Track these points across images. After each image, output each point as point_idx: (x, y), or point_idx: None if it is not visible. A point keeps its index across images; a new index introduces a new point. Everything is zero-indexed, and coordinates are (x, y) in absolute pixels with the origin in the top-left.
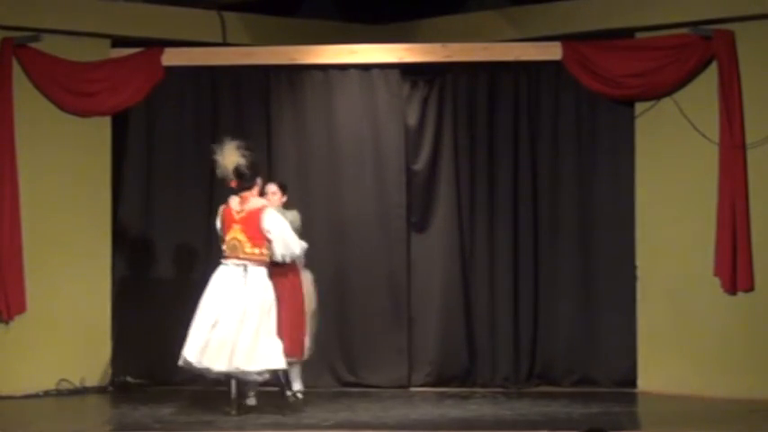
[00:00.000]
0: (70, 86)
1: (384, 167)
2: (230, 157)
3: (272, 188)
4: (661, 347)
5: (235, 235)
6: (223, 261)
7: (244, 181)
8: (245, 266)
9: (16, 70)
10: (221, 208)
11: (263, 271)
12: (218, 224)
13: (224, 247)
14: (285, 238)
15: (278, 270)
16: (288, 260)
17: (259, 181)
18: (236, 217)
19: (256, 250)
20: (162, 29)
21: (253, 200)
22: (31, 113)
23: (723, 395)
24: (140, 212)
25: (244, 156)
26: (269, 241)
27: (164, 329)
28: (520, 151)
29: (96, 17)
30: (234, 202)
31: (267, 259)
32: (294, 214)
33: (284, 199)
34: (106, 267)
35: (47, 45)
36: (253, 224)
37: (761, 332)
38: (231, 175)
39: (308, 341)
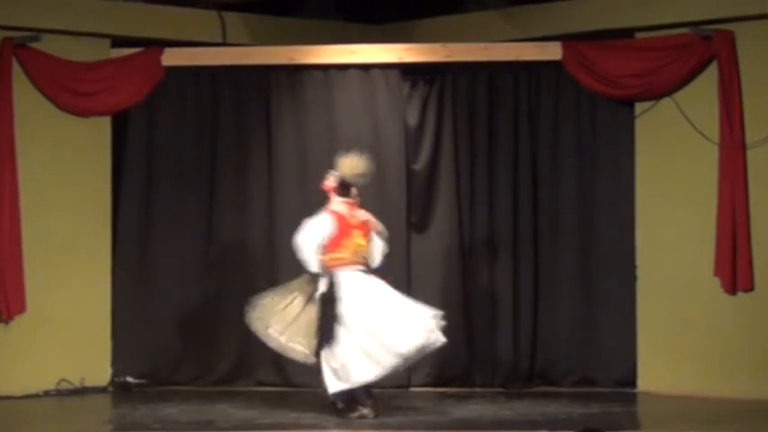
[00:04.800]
0: (70, 86)
1: (384, 167)
2: (357, 164)
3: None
4: (661, 347)
5: (356, 240)
6: (346, 268)
7: (349, 190)
8: (365, 271)
9: (16, 70)
10: (330, 216)
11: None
12: (330, 230)
13: (344, 254)
14: (377, 252)
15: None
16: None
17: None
18: (353, 222)
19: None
20: (162, 29)
21: (360, 211)
22: (31, 113)
23: (723, 395)
24: (140, 212)
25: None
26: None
27: (164, 329)
28: (520, 151)
29: (96, 17)
30: (342, 208)
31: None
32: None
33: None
34: (106, 267)
35: (47, 45)
36: (367, 230)
37: (761, 332)
38: (352, 181)
39: None
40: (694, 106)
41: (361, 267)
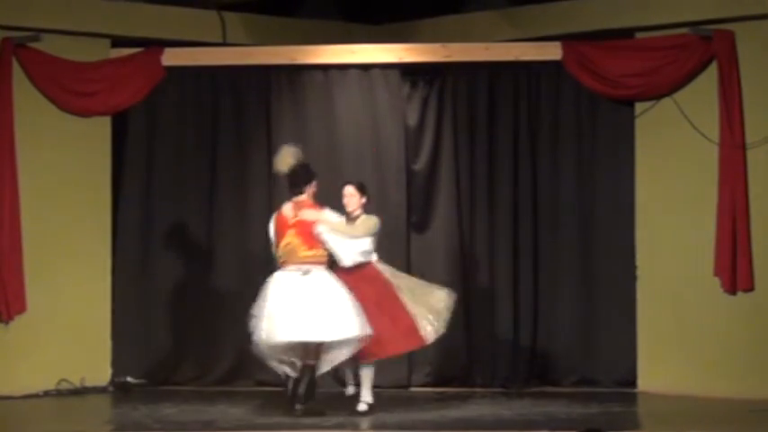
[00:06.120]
0: (70, 86)
1: (384, 167)
2: (285, 159)
3: (350, 190)
4: (661, 347)
5: (289, 240)
6: (281, 268)
7: (295, 185)
8: (303, 269)
9: (16, 70)
10: (274, 215)
11: (322, 269)
12: (272, 232)
13: (279, 254)
14: (335, 250)
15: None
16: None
17: (311, 187)
18: (290, 222)
19: (311, 252)
20: (162, 29)
21: (307, 211)
22: (31, 113)
23: (723, 395)
24: (140, 212)
25: (297, 159)
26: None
27: (164, 329)
28: (520, 151)
29: (96, 17)
30: (287, 208)
31: (325, 259)
32: (363, 219)
33: (363, 200)
34: (106, 267)
35: (47, 45)
36: (306, 229)
37: (761, 332)
38: (284, 178)
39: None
40: (694, 106)
41: (295, 267)
